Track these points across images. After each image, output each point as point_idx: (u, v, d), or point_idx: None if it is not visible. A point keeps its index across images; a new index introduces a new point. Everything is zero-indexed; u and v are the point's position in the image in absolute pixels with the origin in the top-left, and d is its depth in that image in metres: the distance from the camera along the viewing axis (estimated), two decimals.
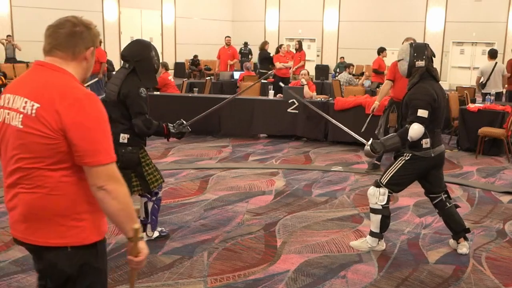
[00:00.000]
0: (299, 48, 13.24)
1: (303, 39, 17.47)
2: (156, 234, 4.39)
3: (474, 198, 5.76)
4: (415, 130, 3.90)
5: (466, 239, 4.27)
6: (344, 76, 12.16)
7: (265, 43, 13.48)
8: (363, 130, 7.09)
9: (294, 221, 4.87)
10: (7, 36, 15.97)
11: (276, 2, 23.61)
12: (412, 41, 4.15)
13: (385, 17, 20.68)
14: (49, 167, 1.84)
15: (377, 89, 10.96)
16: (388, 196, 4.11)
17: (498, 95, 9.82)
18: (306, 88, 9.27)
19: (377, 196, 4.09)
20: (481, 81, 9.85)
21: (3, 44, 15.89)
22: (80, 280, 1.94)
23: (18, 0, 16.61)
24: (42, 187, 1.85)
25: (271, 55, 13.01)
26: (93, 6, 18.61)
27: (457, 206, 4.33)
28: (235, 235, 4.49)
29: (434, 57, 4.14)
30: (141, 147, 4.10)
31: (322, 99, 9.20)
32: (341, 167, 7.06)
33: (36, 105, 1.82)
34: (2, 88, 14.36)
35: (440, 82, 4.24)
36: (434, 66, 4.17)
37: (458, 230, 4.24)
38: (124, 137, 3.96)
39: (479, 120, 8.09)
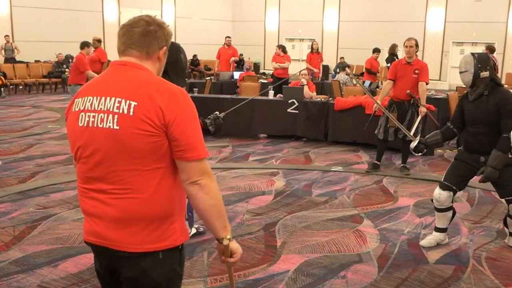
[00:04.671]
0: (317, 50, 13.26)
1: (303, 39, 17.45)
2: (193, 231, 4.43)
3: (474, 198, 5.76)
4: None
5: None
6: (341, 77, 12.17)
7: (394, 47, 12.12)
8: (364, 129, 7.12)
9: (294, 221, 4.87)
10: (5, 36, 15.97)
11: (276, 2, 23.62)
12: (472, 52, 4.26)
13: (385, 17, 20.69)
14: (150, 167, 1.77)
15: (377, 89, 10.97)
16: None
17: None
18: (306, 88, 9.28)
19: None
20: None
21: (3, 48, 15.89)
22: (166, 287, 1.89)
23: (18, 0, 16.61)
24: (143, 191, 1.78)
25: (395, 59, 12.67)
26: (93, 6, 18.62)
27: None
28: (235, 235, 4.48)
29: (495, 65, 4.19)
30: None
31: (322, 99, 9.20)
32: (341, 167, 7.06)
33: (133, 103, 1.74)
34: (2, 88, 14.45)
35: (440, 82, 4.27)
36: (434, 66, 4.22)
37: None
38: None
39: None
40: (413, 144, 4.56)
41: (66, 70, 16.15)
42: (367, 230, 4.70)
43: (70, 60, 16.66)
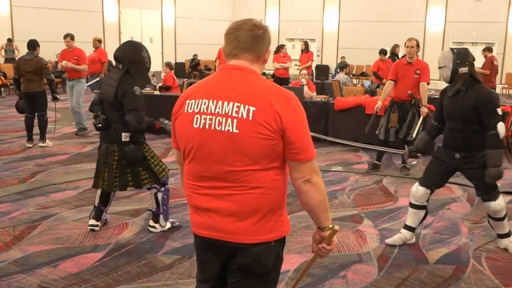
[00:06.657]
0: (306, 49, 13.18)
1: (303, 39, 17.46)
2: (168, 225, 4.55)
3: (474, 198, 5.74)
4: (503, 128, 3.92)
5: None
6: (340, 77, 12.14)
7: (395, 47, 12.42)
8: (366, 131, 7.09)
9: (294, 221, 4.86)
10: (8, 39, 15.97)
11: (276, 2, 23.62)
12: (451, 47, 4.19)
13: (385, 17, 20.68)
14: (265, 167, 1.89)
15: (378, 89, 10.95)
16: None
17: None
18: (306, 88, 9.27)
19: (502, 205, 4.13)
20: None
21: (3, 48, 15.89)
22: (273, 271, 2.07)
23: (18, 0, 16.61)
24: (258, 187, 1.90)
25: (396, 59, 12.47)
26: (93, 6, 18.62)
27: None
28: None
29: (474, 60, 4.15)
30: (143, 143, 4.33)
31: (322, 99, 9.20)
32: (341, 167, 7.06)
33: (252, 109, 1.84)
34: (2, 88, 14.43)
35: (441, 82, 4.25)
36: (435, 66, 4.19)
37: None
38: (126, 136, 4.19)
39: None
40: (406, 155, 4.50)
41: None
42: (367, 230, 4.70)
43: None
